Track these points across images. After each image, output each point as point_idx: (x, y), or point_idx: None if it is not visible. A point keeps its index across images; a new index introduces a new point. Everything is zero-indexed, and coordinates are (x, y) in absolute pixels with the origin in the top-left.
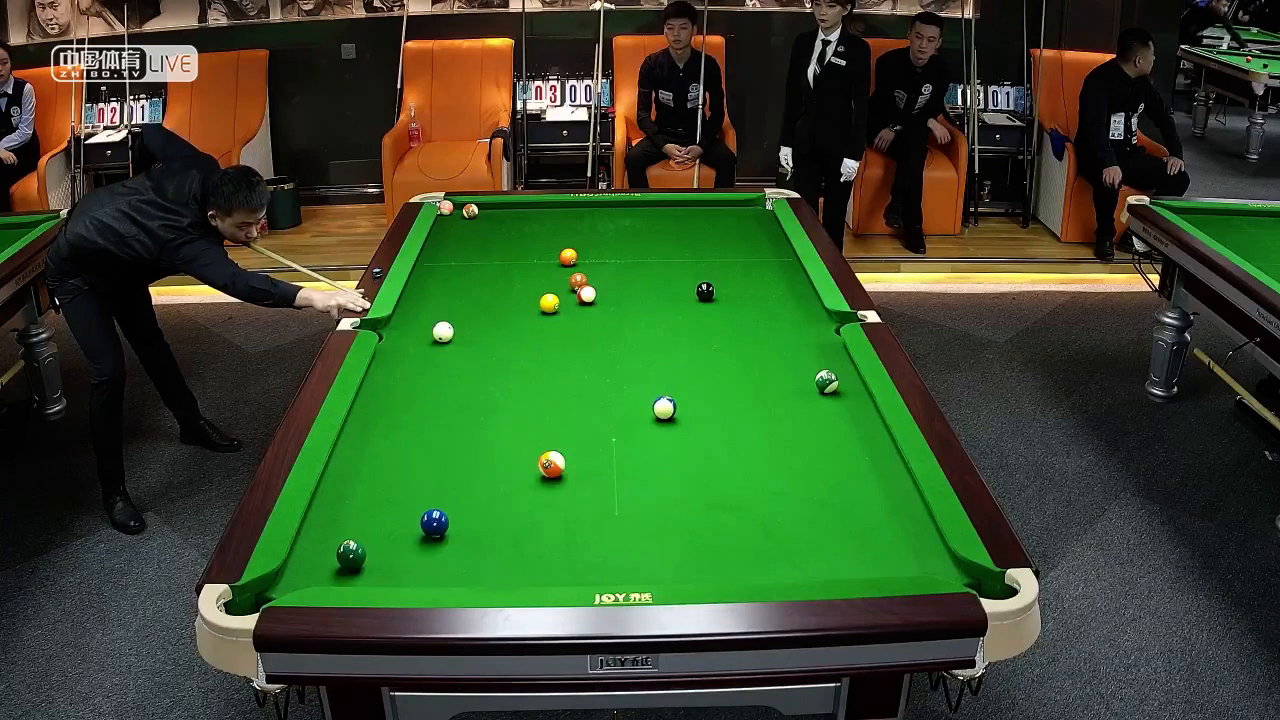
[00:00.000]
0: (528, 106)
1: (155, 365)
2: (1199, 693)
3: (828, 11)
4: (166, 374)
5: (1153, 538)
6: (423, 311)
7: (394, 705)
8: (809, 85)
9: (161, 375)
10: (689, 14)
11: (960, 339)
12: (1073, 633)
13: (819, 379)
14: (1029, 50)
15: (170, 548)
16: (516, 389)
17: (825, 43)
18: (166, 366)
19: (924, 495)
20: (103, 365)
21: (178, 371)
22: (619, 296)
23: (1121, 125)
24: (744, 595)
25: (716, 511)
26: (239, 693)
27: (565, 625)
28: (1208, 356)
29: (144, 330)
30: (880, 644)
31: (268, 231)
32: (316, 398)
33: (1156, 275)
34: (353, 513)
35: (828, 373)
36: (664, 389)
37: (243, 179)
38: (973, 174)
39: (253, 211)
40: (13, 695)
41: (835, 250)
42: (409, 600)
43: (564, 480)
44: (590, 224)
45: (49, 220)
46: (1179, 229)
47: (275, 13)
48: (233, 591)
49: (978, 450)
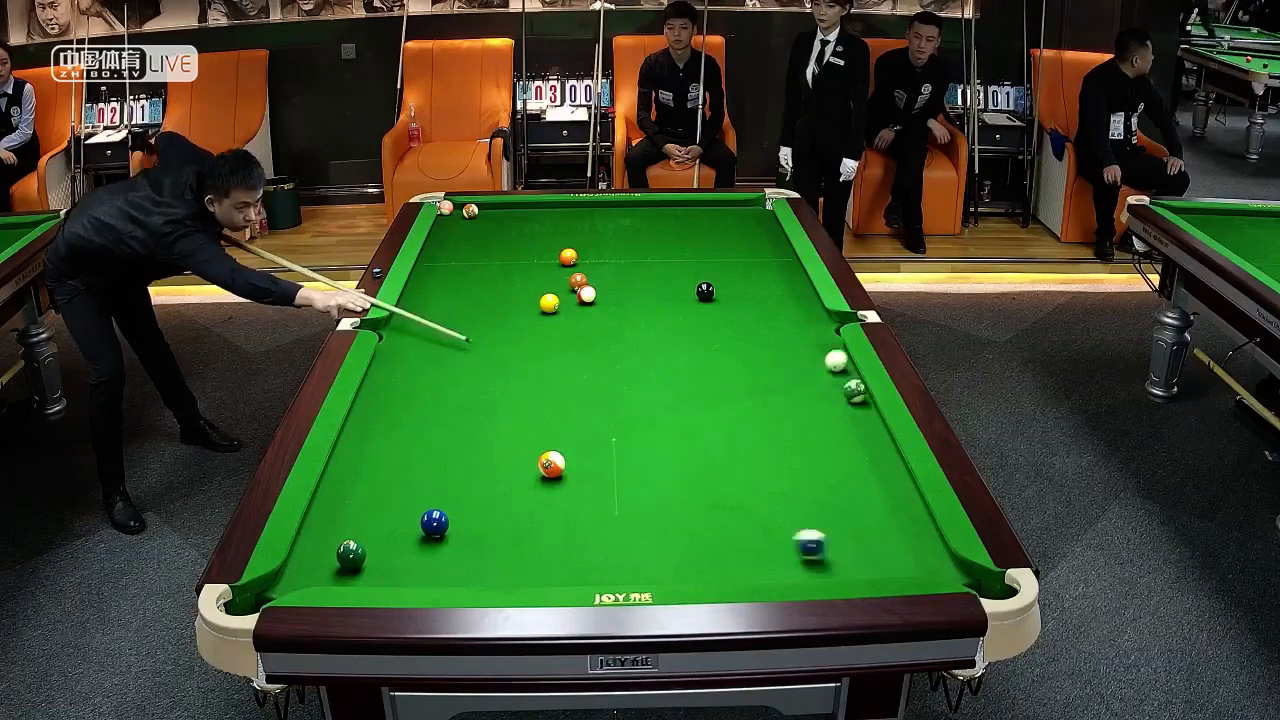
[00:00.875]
0: (528, 106)
1: (155, 366)
2: (1199, 693)
3: (827, 11)
4: (166, 374)
5: (1153, 538)
6: (423, 311)
7: (394, 705)
8: (808, 85)
9: (161, 375)
10: (689, 14)
11: (960, 339)
12: (1073, 633)
13: (847, 389)
14: (1029, 50)
15: (170, 548)
16: (516, 389)
17: (824, 42)
18: (166, 367)
19: (924, 495)
20: (101, 366)
21: (178, 372)
22: (619, 296)
23: (1121, 125)
24: (744, 595)
25: (716, 511)
26: (239, 693)
27: (565, 625)
28: (1208, 356)
29: (144, 331)
30: (880, 644)
31: (268, 231)
32: (316, 398)
33: (1156, 275)
34: (353, 513)
35: (857, 383)
36: (664, 389)
37: (239, 159)
38: (973, 174)
39: (250, 190)
40: (13, 695)
41: (835, 250)
42: (409, 600)
43: (564, 480)
44: (590, 224)
45: (49, 220)
46: (1179, 229)
47: (275, 13)
48: (233, 591)
49: (978, 450)
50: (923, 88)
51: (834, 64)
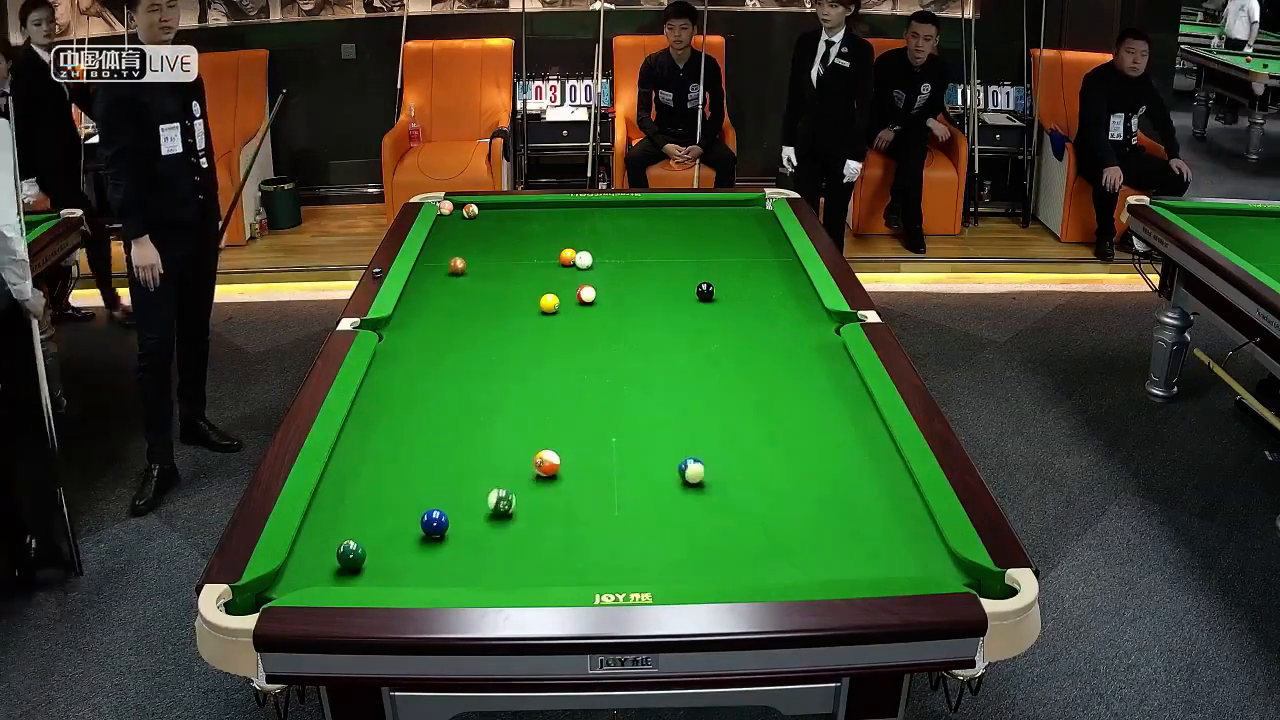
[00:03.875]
0: (528, 106)
1: (190, 361)
2: (1199, 693)
3: (830, 12)
4: (195, 371)
5: (1153, 538)
6: (423, 311)
7: (394, 705)
8: (812, 86)
9: (189, 370)
10: (689, 14)
11: (960, 339)
12: (1073, 633)
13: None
14: (1029, 50)
15: (170, 548)
16: (516, 389)
17: (829, 43)
18: (199, 365)
19: (924, 495)
20: (155, 333)
21: (204, 373)
22: (619, 296)
23: (1120, 126)
24: (744, 595)
25: (716, 511)
26: (239, 693)
27: (565, 625)
28: (1208, 356)
29: (194, 330)
30: (880, 644)
31: (268, 231)
32: (316, 398)
33: (1156, 275)
34: (353, 513)
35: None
36: (664, 389)
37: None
38: (973, 174)
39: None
40: (13, 695)
41: (835, 250)
42: (409, 600)
43: (564, 480)
44: (590, 224)
45: (49, 220)
46: (1179, 229)
47: (275, 13)
48: (233, 591)
49: (978, 450)
50: (922, 87)
51: (839, 65)
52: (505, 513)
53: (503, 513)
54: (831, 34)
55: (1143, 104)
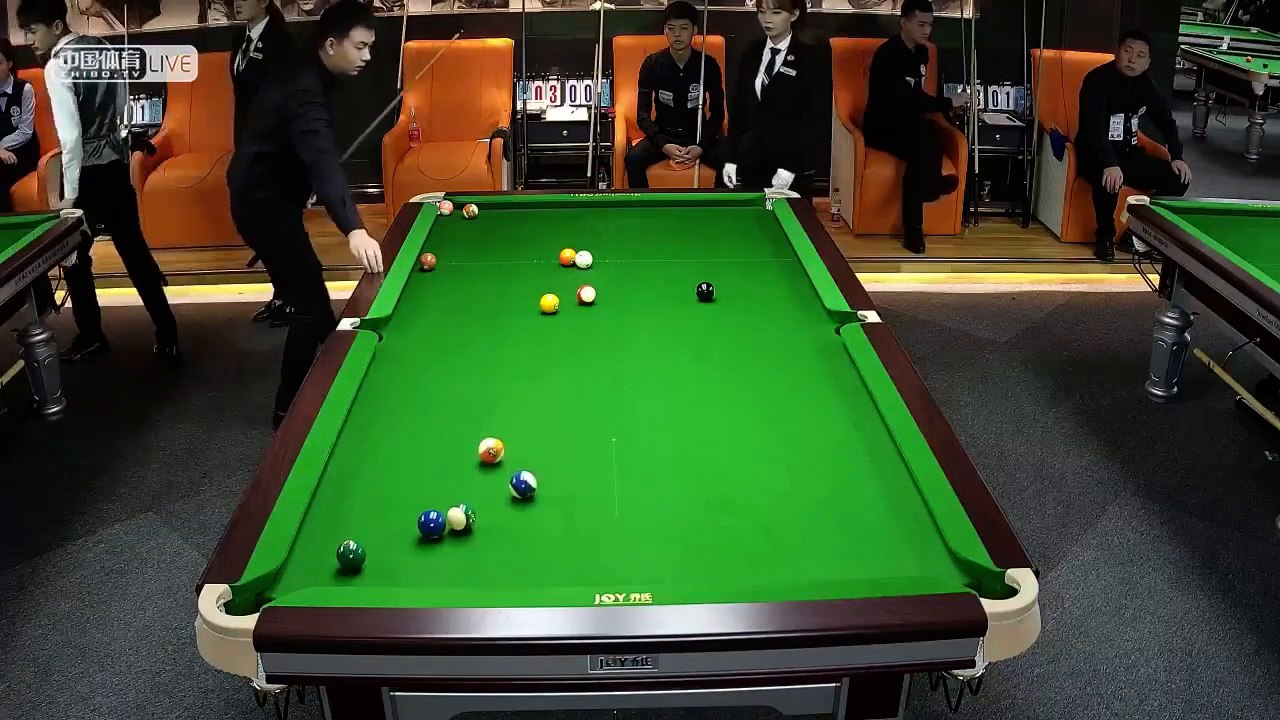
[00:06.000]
0: (528, 106)
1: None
2: (1199, 693)
3: (773, 19)
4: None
5: (1153, 538)
6: (423, 311)
7: (394, 705)
8: (755, 97)
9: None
10: (689, 14)
11: (960, 339)
12: (1073, 633)
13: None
14: (1029, 50)
15: (170, 548)
16: (516, 389)
17: (774, 51)
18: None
19: (924, 495)
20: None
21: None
22: (619, 296)
23: (1120, 126)
24: (744, 595)
25: (716, 511)
26: (239, 693)
27: (565, 625)
28: (1208, 356)
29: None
30: (880, 644)
31: None
32: (316, 398)
33: (1156, 275)
34: (353, 513)
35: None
36: (664, 389)
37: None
38: (973, 174)
39: (369, 29)
40: (13, 695)
41: (835, 250)
42: (409, 600)
43: (564, 480)
44: (590, 224)
45: (49, 220)
46: (1179, 229)
47: None
48: (233, 591)
49: (978, 450)
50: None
51: (784, 74)
52: (354, 567)
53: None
54: (777, 41)
55: (1143, 104)
